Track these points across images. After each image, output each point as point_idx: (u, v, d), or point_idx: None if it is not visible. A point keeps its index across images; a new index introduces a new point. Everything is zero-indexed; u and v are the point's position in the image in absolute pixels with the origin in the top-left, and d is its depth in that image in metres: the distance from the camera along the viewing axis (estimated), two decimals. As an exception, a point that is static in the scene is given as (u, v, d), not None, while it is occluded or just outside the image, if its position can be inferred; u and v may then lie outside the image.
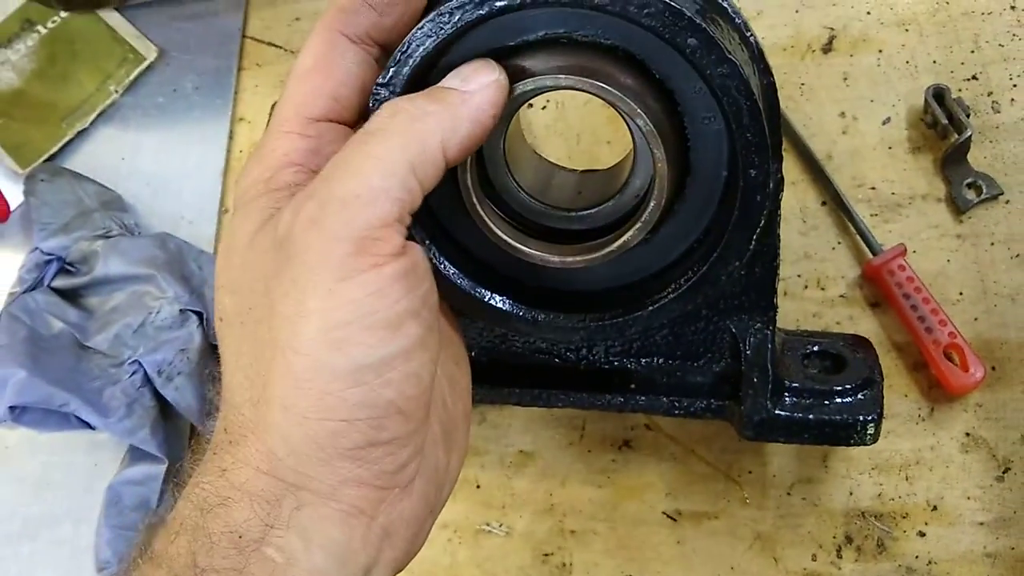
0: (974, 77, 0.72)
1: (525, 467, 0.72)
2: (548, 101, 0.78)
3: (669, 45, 0.44)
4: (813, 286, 0.70)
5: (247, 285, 0.41)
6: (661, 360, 0.59)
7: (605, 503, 0.70)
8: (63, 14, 0.88)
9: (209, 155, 0.84)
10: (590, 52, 0.46)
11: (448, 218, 0.52)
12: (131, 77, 0.86)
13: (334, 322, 0.38)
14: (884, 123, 0.72)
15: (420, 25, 0.44)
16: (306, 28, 0.84)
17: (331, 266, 0.38)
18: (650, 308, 0.52)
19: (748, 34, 0.48)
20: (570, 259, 0.50)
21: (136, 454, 0.76)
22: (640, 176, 0.51)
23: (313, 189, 0.40)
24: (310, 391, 0.39)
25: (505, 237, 0.50)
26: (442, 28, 0.44)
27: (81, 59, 0.87)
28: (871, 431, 0.57)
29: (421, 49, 0.44)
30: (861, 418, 0.57)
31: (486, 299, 0.53)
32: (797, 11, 0.75)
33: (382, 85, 0.45)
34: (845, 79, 0.73)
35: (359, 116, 0.45)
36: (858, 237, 0.70)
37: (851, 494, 0.67)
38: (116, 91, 0.86)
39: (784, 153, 0.71)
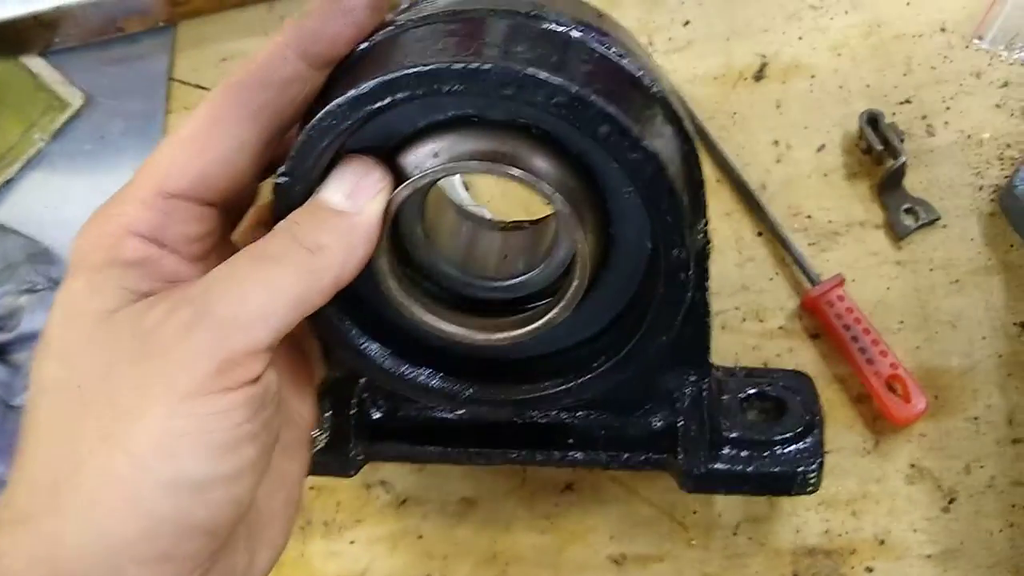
0: (907, 100, 0.71)
1: (467, 515, 0.70)
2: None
3: (580, 132, 0.42)
4: (751, 318, 0.69)
5: (85, 362, 0.39)
6: (598, 414, 0.58)
7: (549, 549, 0.69)
8: (-16, 62, 0.86)
9: (138, 202, 0.81)
10: (503, 133, 0.44)
11: (368, 294, 0.50)
12: (56, 124, 0.84)
13: (172, 432, 0.37)
14: (819, 150, 0.71)
15: (316, 118, 0.42)
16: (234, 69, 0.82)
17: (188, 378, 0.37)
18: (581, 381, 0.50)
19: (664, 101, 0.45)
20: (495, 336, 0.49)
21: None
22: (564, 247, 0.50)
23: (192, 296, 0.39)
24: (123, 494, 0.37)
25: (428, 317, 0.49)
26: (343, 119, 0.42)
27: (3, 107, 0.84)
28: (812, 480, 0.57)
29: (323, 142, 0.42)
30: (801, 469, 0.56)
31: (412, 375, 0.51)
32: (728, 39, 0.74)
33: (286, 173, 0.43)
34: (778, 106, 0.72)
35: (222, 198, 0.43)
36: (795, 267, 0.69)
37: (798, 532, 0.66)
38: (42, 139, 0.84)
39: (717, 184, 0.71)
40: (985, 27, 0.72)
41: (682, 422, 0.57)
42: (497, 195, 0.75)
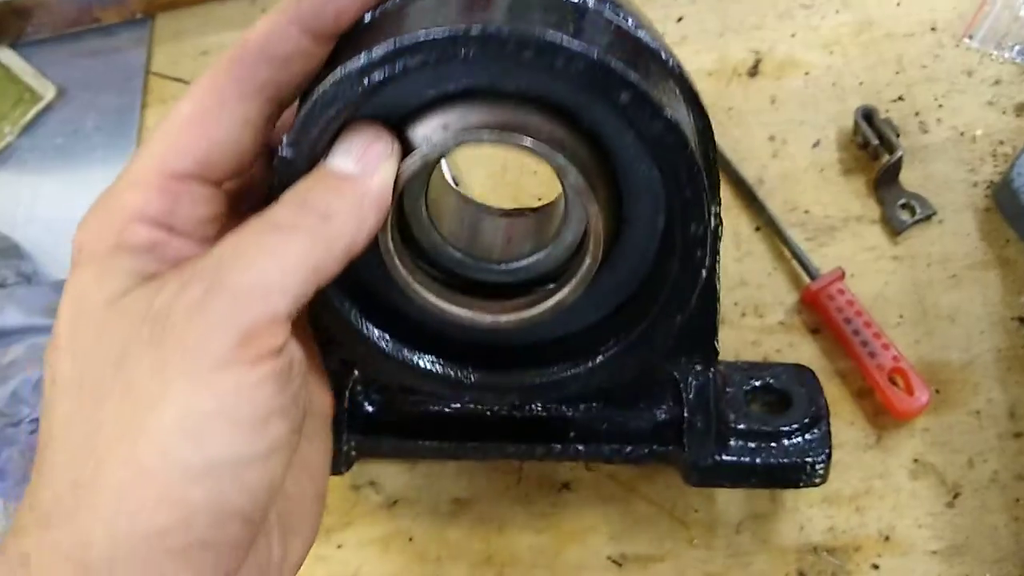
0: (900, 98, 0.71)
1: (460, 515, 0.68)
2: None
3: (599, 100, 0.41)
4: (751, 314, 0.68)
5: (98, 353, 0.37)
6: (600, 406, 0.56)
7: (546, 550, 0.66)
8: (-48, 53, 0.83)
9: (113, 197, 0.79)
10: (514, 104, 0.42)
11: (371, 277, 0.48)
12: (27, 118, 0.81)
13: (196, 412, 0.34)
14: (814, 146, 0.71)
15: (324, 87, 0.40)
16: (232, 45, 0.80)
17: (208, 354, 0.35)
18: (589, 365, 0.49)
19: (681, 75, 0.44)
20: (503, 319, 0.47)
21: (36, 521, 0.70)
22: (573, 227, 0.48)
23: (202, 270, 0.37)
24: (152, 484, 0.34)
25: (433, 299, 0.47)
26: (351, 88, 0.40)
27: (-28, 100, 0.82)
28: (820, 471, 0.56)
29: (330, 112, 0.41)
30: (810, 459, 0.55)
31: (414, 360, 0.50)
32: (721, 35, 0.74)
33: (291, 145, 0.41)
34: (773, 102, 0.72)
35: (227, 178, 0.41)
36: (794, 262, 0.68)
37: (802, 529, 0.65)
38: (11, 133, 0.81)
39: (716, 178, 0.70)
40: (975, 26, 0.72)
41: (687, 414, 0.55)
42: (488, 190, 0.73)
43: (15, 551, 0.35)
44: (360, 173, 0.40)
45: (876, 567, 0.63)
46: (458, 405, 0.58)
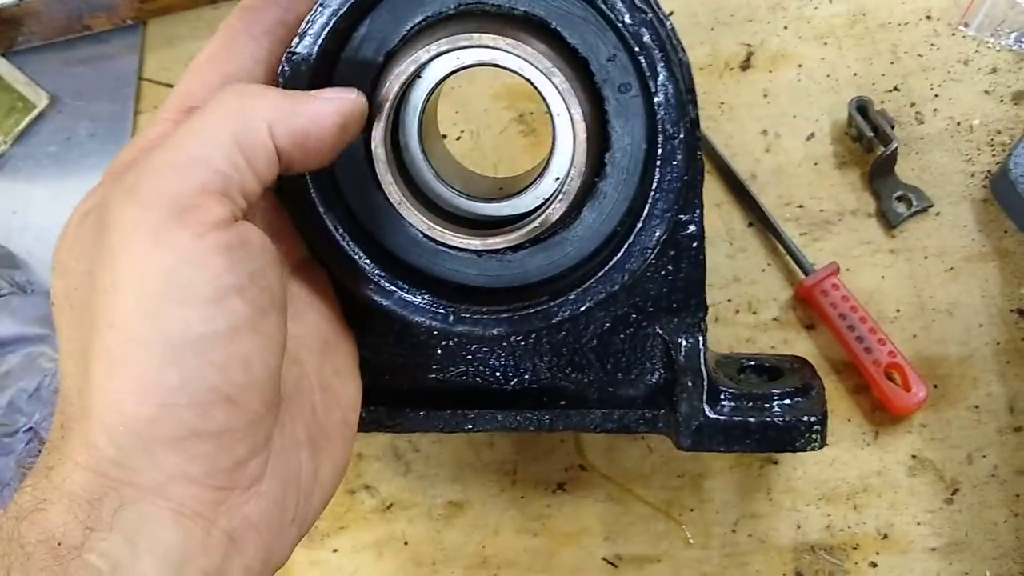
0: (895, 88, 0.70)
1: (455, 518, 0.67)
2: (463, 132, 0.74)
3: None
4: (745, 310, 0.68)
5: (73, 264, 0.39)
6: (592, 374, 0.56)
7: (541, 552, 0.66)
8: (-55, 63, 0.83)
9: (106, 204, 0.79)
10: (501, 21, 0.46)
11: (363, 213, 0.51)
12: (21, 126, 0.81)
13: (148, 292, 0.36)
14: (808, 139, 0.70)
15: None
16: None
17: (144, 232, 0.36)
18: (576, 291, 0.50)
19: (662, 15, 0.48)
20: (491, 241, 0.49)
21: (33, 530, 0.70)
22: (559, 159, 0.50)
23: (134, 161, 0.39)
24: (125, 371, 0.36)
25: (423, 220, 0.49)
26: None
27: (-35, 110, 0.82)
28: (816, 433, 0.53)
29: (320, 23, 0.45)
30: (805, 419, 0.53)
31: (402, 293, 0.50)
32: (712, 29, 0.73)
33: (292, 53, 0.46)
34: (765, 96, 0.71)
35: None
36: (788, 257, 0.68)
37: (799, 527, 0.64)
38: (5, 142, 0.81)
39: (707, 175, 0.69)
40: (971, 14, 0.71)
41: (678, 374, 0.54)
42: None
43: (43, 464, 0.37)
44: (314, 94, 0.43)
45: (874, 565, 0.63)
46: (452, 378, 0.57)
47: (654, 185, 0.49)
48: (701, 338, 0.54)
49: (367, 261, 0.50)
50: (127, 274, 0.36)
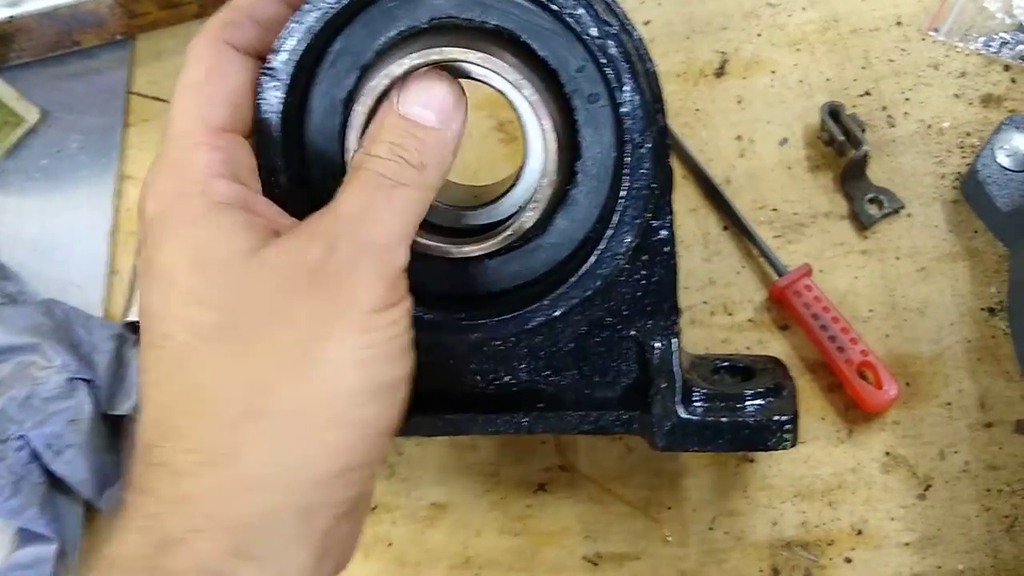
0: (867, 93, 0.72)
1: (438, 520, 0.69)
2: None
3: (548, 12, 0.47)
4: (720, 312, 0.69)
5: (242, 302, 0.41)
6: (569, 377, 0.57)
7: (523, 552, 0.67)
8: (-64, 80, 0.84)
9: (96, 216, 0.80)
10: (473, 35, 0.47)
11: None
12: (12, 141, 0.83)
13: (364, 343, 0.41)
14: (781, 144, 0.71)
15: (304, 8, 0.46)
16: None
17: (368, 297, 0.41)
18: (550, 296, 0.52)
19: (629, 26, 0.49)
20: (467, 248, 0.51)
21: (25, 536, 0.71)
22: (531, 168, 0.52)
23: (344, 230, 0.42)
24: (328, 406, 0.40)
25: None
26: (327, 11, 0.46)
27: (-43, 125, 0.83)
28: (788, 432, 0.55)
29: (295, 40, 0.46)
30: (776, 418, 0.55)
31: None
32: (688, 37, 0.75)
33: (267, 71, 0.47)
34: (739, 102, 0.73)
35: (247, 129, 0.46)
36: (762, 260, 0.69)
37: (775, 524, 0.65)
38: (-4, 156, 0.82)
39: (682, 180, 0.71)
40: (940, 20, 0.72)
41: (653, 376, 0.55)
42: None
43: (174, 491, 0.39)
44: (440, 125, 0.45)
45: (849, 561, 0.64)
46: (432, 381, 0.58)
47: (623, 192, 0.50)
48: (674, 340, 0.55)
49: None
50: (344, 331, 0.41)
